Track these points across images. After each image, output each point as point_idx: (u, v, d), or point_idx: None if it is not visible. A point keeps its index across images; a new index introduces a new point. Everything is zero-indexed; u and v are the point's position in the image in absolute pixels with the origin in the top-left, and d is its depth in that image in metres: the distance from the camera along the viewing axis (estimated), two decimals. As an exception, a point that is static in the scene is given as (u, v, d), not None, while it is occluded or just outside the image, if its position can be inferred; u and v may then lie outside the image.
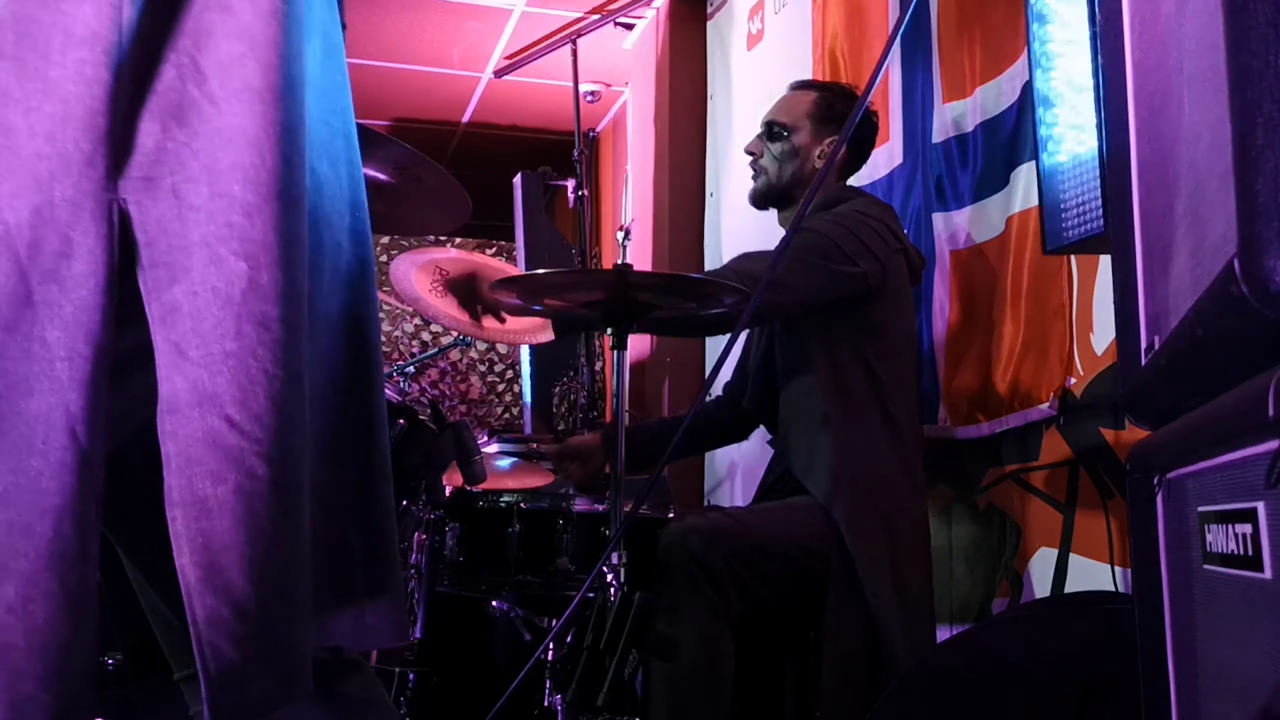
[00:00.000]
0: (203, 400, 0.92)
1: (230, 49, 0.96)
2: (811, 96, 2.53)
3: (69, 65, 0.91)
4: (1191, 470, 0.86)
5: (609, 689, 1.68)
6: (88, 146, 0.91)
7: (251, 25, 0.97)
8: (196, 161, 0.94)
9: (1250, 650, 0.73)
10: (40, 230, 0.89)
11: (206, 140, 0.95)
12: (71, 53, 0.91)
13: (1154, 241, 0.97)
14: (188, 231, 0.93)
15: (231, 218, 0.94)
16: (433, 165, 2.36)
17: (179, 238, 0.93)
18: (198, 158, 0.94)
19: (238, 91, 0.96)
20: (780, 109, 2.55)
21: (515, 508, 2.37)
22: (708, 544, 2.08)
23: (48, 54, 0.91)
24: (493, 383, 6.37)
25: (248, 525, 0.93)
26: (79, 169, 0.90)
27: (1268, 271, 0.61)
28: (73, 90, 0.91)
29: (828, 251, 2.26)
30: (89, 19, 0.91)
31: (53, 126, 0.90)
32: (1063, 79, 1.48)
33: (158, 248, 0.93)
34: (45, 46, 0.91)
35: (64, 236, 0.90)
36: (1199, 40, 0.77)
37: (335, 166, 1.10)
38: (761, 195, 2.54)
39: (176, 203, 0.93)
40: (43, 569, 0.87)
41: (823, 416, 2.29)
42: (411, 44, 5.13)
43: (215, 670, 0.92)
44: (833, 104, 2.51)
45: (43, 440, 0.88)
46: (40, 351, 0.89)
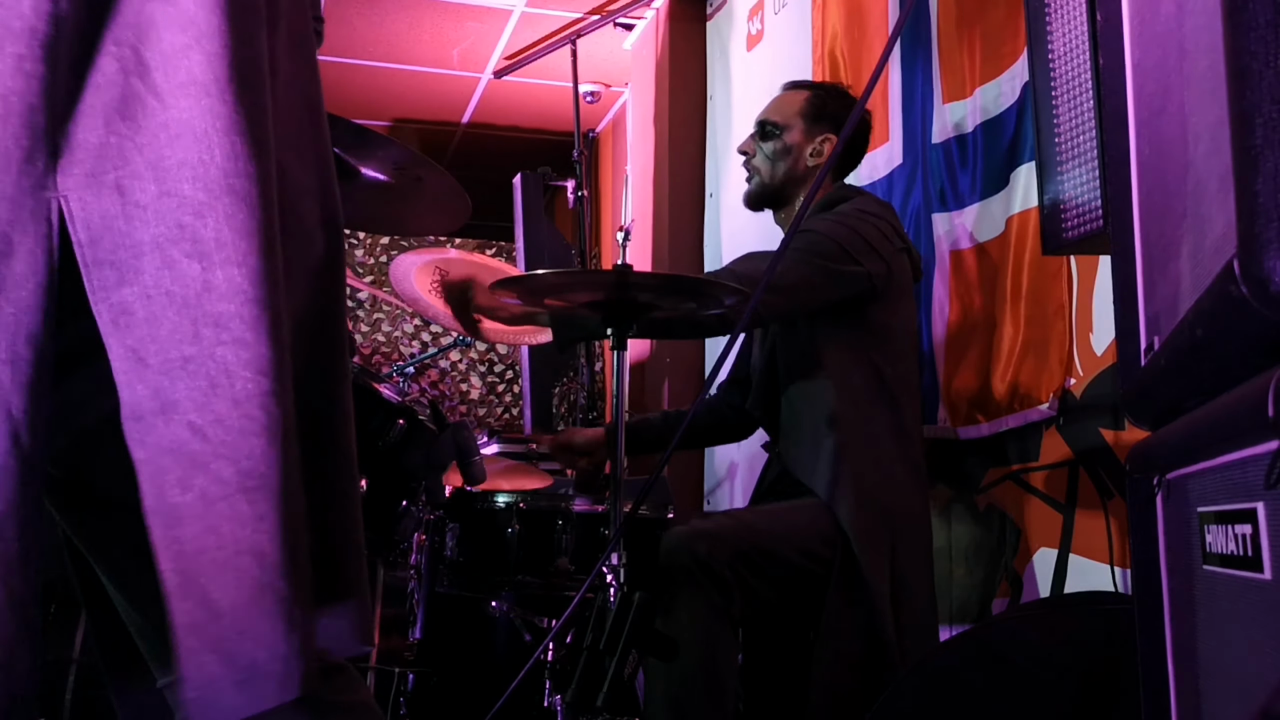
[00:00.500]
0: (165, 407, 0.91)
1: (174, 40, 0.94)
2: (803, 95, 2.53)
3: (7, 60, 0.88)
4: (1191, 470, 0.86)
5: (609, 689, 1.68)
6: (27, 143, 0.88)
7: (195, 15, 0.94)
8: (141, 157, 0.92)
9: (1250, 650, 0.73)
10: None
11: (151, 135, 0.92)
12: (9, 47, 0.88)
13: (1154, 241, 0.97)
14: (135, 230, 0.91)
15: (182, 218, 0.92)
16: (433, 165, 2.36)
17: (125, 236, 0.91)
18: (142, 153, 0.92)
19: (183, 84, 0.93)
20: (772, 108, 2.55)
21: (515, 508, 2.37)
22: (712, 547, 2.08)
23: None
24: (493, 383, 6.37)
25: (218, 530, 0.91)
26: (18, 166, 0.88)
27: (1268, 271, 0.61)
28: (11, 85, 0.88)
29: (830, 252, 2.25)
30: (26, 13, 0.89)
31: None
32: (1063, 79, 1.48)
33: (102, 246, 0.91)
34: None
35: (3, 235, 0.88)
36: (1199, 40, 0.77)
37: (302, 157, 1.08)
38: (755, 196, 2.54)
39: (121, 199, 0.91)
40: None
41: (827, 417, 2.29)
42: (411, 44, 5.13)
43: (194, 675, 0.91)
44: (825, 102, 2.51)
45: None
46: None
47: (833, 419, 2.28)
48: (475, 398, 6.32)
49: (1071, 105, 1.45)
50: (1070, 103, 1.45)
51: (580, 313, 2.15)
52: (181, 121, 0.93)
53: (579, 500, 2.38)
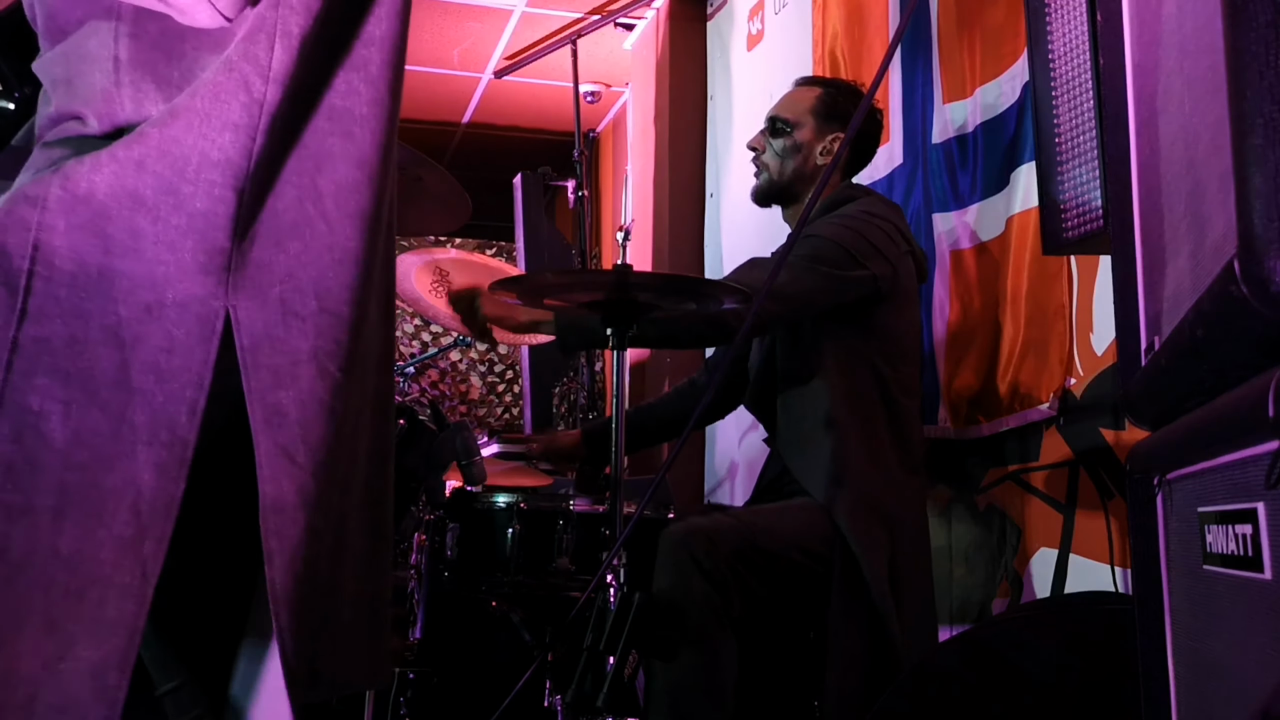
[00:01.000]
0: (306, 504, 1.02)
1: (349, 175, 1.06)
2: (815, 92, 2.52)
3: (200, 184, 0.99)
4: (1191, 470, 0.86)
5: (609, 690, 1.68)
6: (204, 258, 1.00)
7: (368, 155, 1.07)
8: (305, 275, 1.03)
9: (1250, 651, 0.73)
10: (148, 326, 0.98)
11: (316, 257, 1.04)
12: (205, 173, 1.00)
13: (1154, 241, 0.97)
14: (293, 340, 1.02)
15: (339, 335, 1.04)
16: (433, 165, 2.36)
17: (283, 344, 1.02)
18: (307, 271, 1.03)
19: (350, 215, 1.05)
20: (784, 105, 2.53)
21: (515, 508, 2.37)
22: (710, 544, 2.08)
23: (184, 172, 1.00)
24: (493, 383, 6.37)
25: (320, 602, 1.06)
26: (192, 277, 0.99)
27: (1268, 271, 0.61)
28: (199, 207, 0.99)
29: (834, 258, 2.24)
30: (225, 145, 1.00)
31: (176, 236, 0.99)
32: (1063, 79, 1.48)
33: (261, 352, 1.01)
34: (183, 165, 1.00)
35: (169, 334, 0.98)
36: (1199, 40, 0.77)
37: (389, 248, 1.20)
38: (764, 192, 2.53)
39: (282, 311, 1.02)
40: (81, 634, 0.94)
41: (826, 418, 2.28)
42: (411, 44, 5.11)
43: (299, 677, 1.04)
44: (836, 100, 2.50)
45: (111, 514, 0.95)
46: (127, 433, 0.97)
47: (830, 420, 2.28)
48: (475, 398, 6.32)
49: (1071, 105, 1.45)
50: (1070, 103, 1.45)
51: (585, 318, 2.14)
52: (345, 249, 1.05)
53: (579, 500, 2.37)
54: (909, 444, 2.32)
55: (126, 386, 0.96)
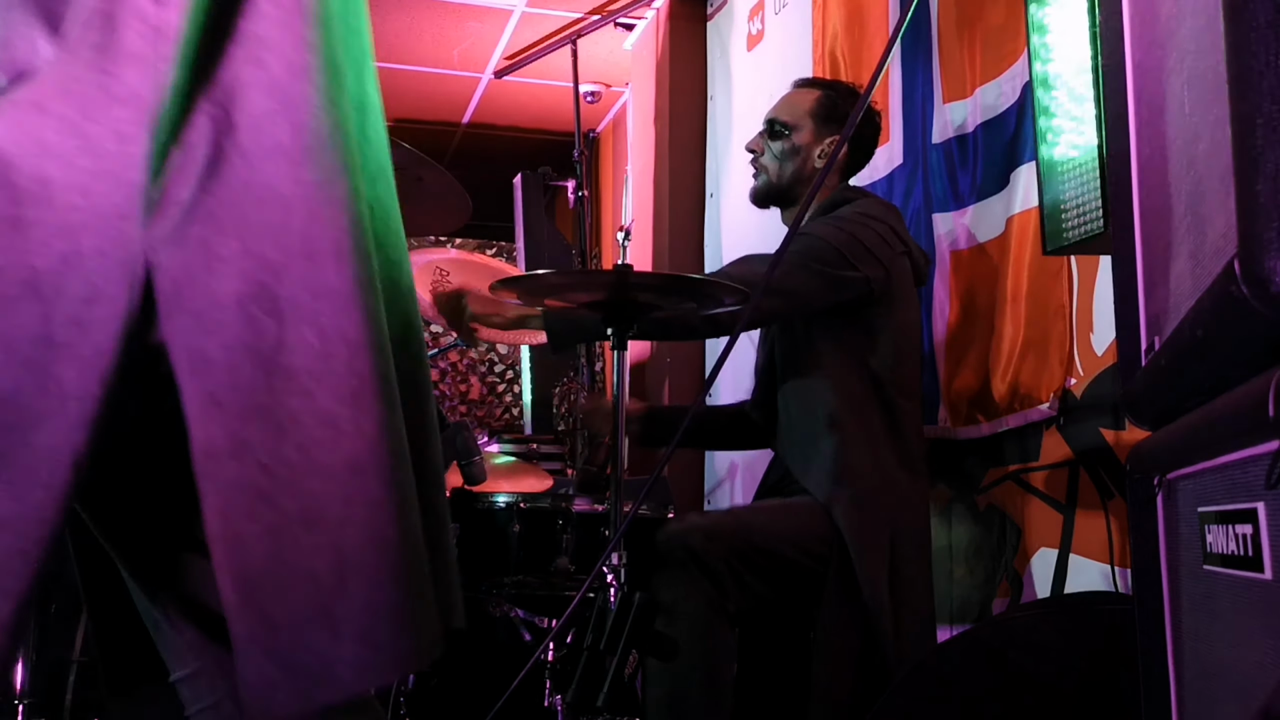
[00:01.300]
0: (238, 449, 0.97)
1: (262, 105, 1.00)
2: (814, 95, 2.52)
3: (107, 124, 0.95)
4: (1191, 470, 0.86)
5: (609, 689, 1.68)
6: (119, 200, 0.95)
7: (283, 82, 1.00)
8: (227, 216, 0.98)
9: (1250, 651, 0.73)
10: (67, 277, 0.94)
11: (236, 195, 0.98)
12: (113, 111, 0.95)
13: (1154, 241, 0.97)
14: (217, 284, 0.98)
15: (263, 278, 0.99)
16: (433, 165, 2.36)
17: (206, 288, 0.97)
18: (228, 212, 0.98)
19: (269, 151, 0.99)
20: (782, 107, 2.54)
21: (515, 508, 2.37)
22: (707, 541, 2.08)
23: (89, 112, 0.95)
24: (493, 383, 6.37)
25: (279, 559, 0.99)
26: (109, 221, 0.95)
27: (1268, 272, 0.61)
28: (109, 147, 0.95)
29: (828, 257, 2.25)
30: (131, 80, 0.96)
31: (87, 180, 0.95)
32: (1062, 79, 1.48)
33: (184, 297, 0.97)
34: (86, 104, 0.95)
35: (89, 283, 0.94)
36: (1199, 40, 0.77)
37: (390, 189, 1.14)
38: (762, 194, 2.53)
39: (205, 255, 0.97)
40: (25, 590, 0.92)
41: (823, 418, 2.29)
42: (411, 44, 5.13)
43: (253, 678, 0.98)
44: (835, 103, 2.50)
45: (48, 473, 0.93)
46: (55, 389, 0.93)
47: (829, 420, 2.28)
48: (475, 398, 6.32)
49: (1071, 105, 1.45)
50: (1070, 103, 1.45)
51: (576, 312, 2.14)
52: (266, 186, 0.99)
53: (579, 500, 2.37)
54: (908, 444, 2.32)
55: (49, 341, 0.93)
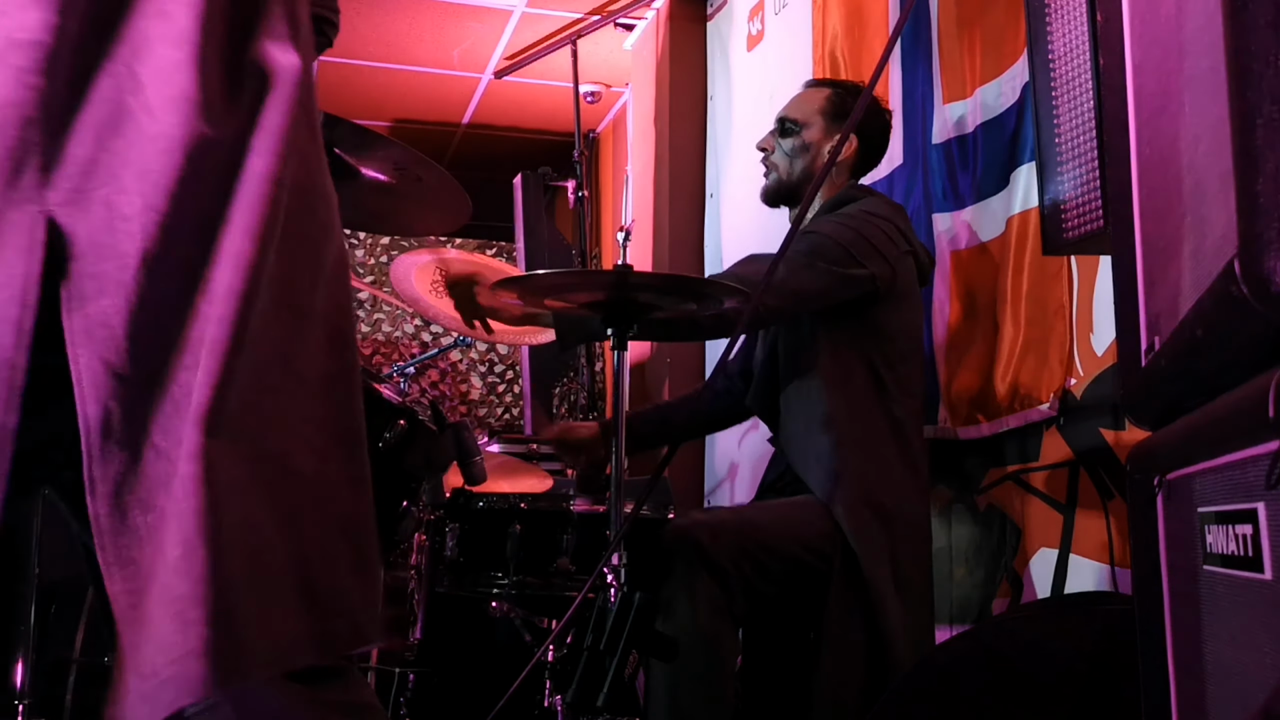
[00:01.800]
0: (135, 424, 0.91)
1: (167, 55, 0.93)
2: (825, 93, 2.53)
3: (8, 70, 0.89)
4: (1191, 471, 0.86)
5: (609, 689, 1.68)
6: (19, 155, 0.89)
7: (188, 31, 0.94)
8: (129, 171, 0.92)
9: (1250, 651, 0.73)
10: None
11: (140, 150, 0.92)
12: (11, 58, 0.89)
13: (1154, 241, 0.97)
14: (119, 243, 0.91)
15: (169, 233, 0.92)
16: (433, 166, 2.36)
17: (109, 249, 0.91)
18: (130, 168, 0.92)
19: (173, 99, 0.93)
20: (793, 105, 2.55)
21: (515, 508, 2.37)
22: (713, 541, 2.08)
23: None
24: (493, 383, 6.37)
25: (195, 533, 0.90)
26: (5, 178, 0.88)
27: (1268, 272, 0.61)
28: (9, 96, 0.89)
29: (833, 255, 2.25)
30: (31, 25, 0.89)
31: None
32: (1063, 79, 1.48)
33: (86, 259, 0.91)
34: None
35: None
36: (1199, 40, 0.77)
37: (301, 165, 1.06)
38: (773, 192, 2.54)
39: (108, 214, 0.91)
40: None
41: (824, 416, 2.29)
42: (411, 45, 5.13)
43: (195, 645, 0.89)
44: (846, 101, 2.51)
45: None
46: None
47: (830, 418, 2.28)
48: (475, 398, 6.32)
49: (1071, 105, 1.45)
50: (1070, 103, 1.45)
51: (582, 313, 2.15)
52: (170, 136, 0.92)
53: (580, 500, 2.37)
54: (909, 443, 2.32)
55: None
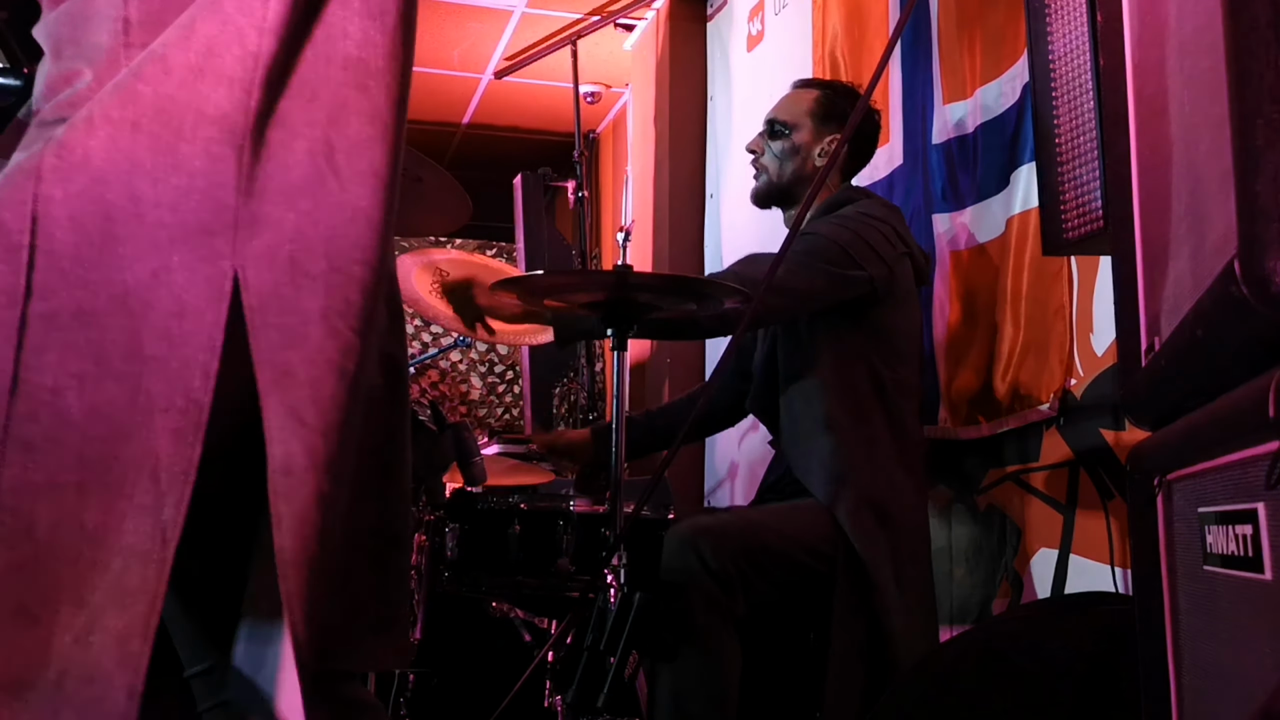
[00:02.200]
0: (317, 466, 0.99)
1: (362, 131, 1.03)
2: (813, 94, 2.53)
3: (198, 142, 0.97)
4: (1191, 471, 0.86)
5: (609, 690, 1.68)
6: (208, 217, 0.97)
7: (383, 110, 1.04)
8: (316, 233, 1.00)
9: (1250, 651, 0.73)
10: (156, 291, 0.96)
11: (328, 215, 1.01)
12: (202, 131, 0.97)
13: (1154, 242, 0.97)
14: (303, 300, 0.99)
15: (350, 294, 1.01)
16: (433, 166, 2.36)
17: (292, 303, 0.99)
18: (317, 229, 1.00)
19: (362, 173, 1.02)
20: (782, 107, 2.54)
21: (515, 508, 2.37)
22: (716, 544, 2.08)
23: (180, 130, 0.97)
24: (493, 384, 6.37)
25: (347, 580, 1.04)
26: (197, 237, 0.97)
27: (1268, 272, 0.61)
28: (198, 165, 0.97)
29: (831, 255, 2.25)
30: (221, 101, 0.98)
31: (177, 197, 0.96)
32: (1063, 79, 1.48)
33: (270, 311, 0.98)
34: (179, 124, 0.97)
35: (177, 298, 0.96)
36: (1199, 40, 0.77)
37: None
38: (763, 194, 2.54)
39: (292, 270, 0.99)
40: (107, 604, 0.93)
41: (824, 418, 2.29)
42: (411, 45, 5.13)
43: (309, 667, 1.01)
44: (834, 102, 2.51)
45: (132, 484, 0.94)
46: (144, 402, 0.95)
47: (829, 420, 2.28)
48: (475, 398, 6.32)
49: (1071, 105, 1.45)
50: (1070, 103, 1.45)
51: (580, 312, 2.15)
52: (357, 208, 1.02)
53: (579, 500, 2.37)
54: (908, 444, 2.32)
55: (139, 355, 0.95)
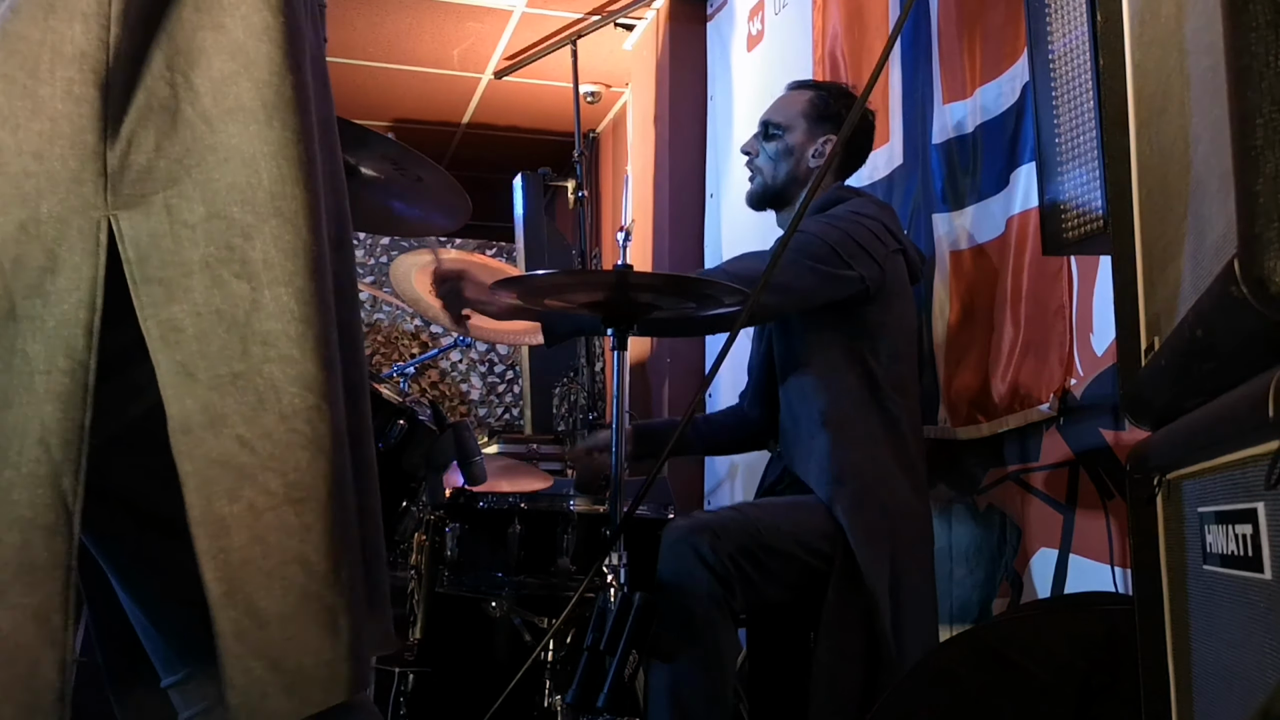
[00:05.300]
0: (214, 421, 0.94)
1: (223, 67, 0.97)
2: (806, 96, 2.54)
3: (57, 83, 0.92)
4: (1191, 470, 0.86)
5: (609, 689, 1.68)
6: (75, 164, 0.92)
7: (244, 43, 0.98)
8: (190, 179, 0.95)
9: (1250, 651, 0.73)
10: (25, 246, 0.91)
11: (199, 158, 0.95)
12: (60, 71, 0.92)
13: (1154, 241, 0.97)
14: (183, 250, 0.94)
15: (231, 239, 0.95)
16: (433, 166, 2.36)
17: (173, 254, 0.94)
18: (191, 175, 0.95)
19: (230, 110, 0.97)
20: (775, 109, 2.55)
21: (515, 508, 2.37)
22: (714, 539, 2.09)
23: (36, 72, 0.92)
24: (493, 383, 6.37)
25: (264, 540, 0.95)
26: (65, 186, 0.92)
27: (1268, 272, 0.61)
28: (60, 108, 0.92)
29: (822, 255, 2.26)
30: (77, 37, 0.92)
31: (40, 144, 0.91)
32: (1063, 79, 1.48)
33: (150, 263, 0.94)
34: (34, 65, 0.92)
35: (49, 252, 0.91)
36: (1199, 40, 0.77)
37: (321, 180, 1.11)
38: (758, 196, 2.55)
39: (169, 219, 0.94)
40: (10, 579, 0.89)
41: (820, 416, 2.29)
42: (411, 44, 5.13)
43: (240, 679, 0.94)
44: (828, 102, 2.52)
45: (16, 452, 0.89)
46: (21, 365, 0.90)
47: (826, 418, 2.29)
48: (475, 398, 6.32)
49: (1071, 105, 1.45)
50: (1070, 103, 1.45)
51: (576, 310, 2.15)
52: (229, 146, 0.96)
53: (580, 500, 2.38)
54: (904, 441, 2.32)
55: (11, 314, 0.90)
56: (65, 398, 0.91)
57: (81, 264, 0.92)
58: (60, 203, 0.91)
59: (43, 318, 0.91)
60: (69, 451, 0.91)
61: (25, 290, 0.91)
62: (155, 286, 0.94)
